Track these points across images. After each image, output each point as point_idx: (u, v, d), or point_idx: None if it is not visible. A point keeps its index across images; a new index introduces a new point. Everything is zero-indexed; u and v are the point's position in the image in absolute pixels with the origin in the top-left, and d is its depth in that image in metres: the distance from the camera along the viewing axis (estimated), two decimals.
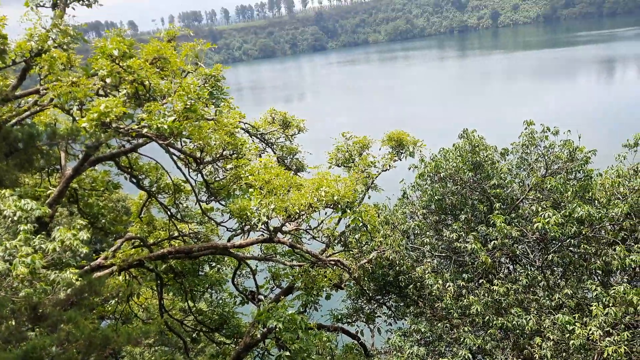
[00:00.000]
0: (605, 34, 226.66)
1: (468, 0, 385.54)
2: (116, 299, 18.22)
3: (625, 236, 13.52)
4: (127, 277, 18.31)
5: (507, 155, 16.55)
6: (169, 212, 18.20)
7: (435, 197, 15.81)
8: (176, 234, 18.65)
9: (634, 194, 13.55)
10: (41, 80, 13.61)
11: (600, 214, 13.07)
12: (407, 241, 15.81)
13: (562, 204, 14.31)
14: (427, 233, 15.64)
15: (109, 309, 19.30)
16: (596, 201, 14.23)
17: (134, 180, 17.33)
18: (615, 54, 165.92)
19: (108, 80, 12.17)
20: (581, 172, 14.86)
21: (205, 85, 15.10)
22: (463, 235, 14.30)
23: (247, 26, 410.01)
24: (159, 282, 17.73)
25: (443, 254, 15.36)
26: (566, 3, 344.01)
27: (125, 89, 12.28)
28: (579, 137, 15.23)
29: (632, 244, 13.08)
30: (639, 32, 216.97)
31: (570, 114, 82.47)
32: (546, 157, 15.44)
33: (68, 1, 13.99)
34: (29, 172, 14.90)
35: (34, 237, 9.33)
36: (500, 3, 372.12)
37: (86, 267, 13.66)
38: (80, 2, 14.50)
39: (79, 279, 9.29)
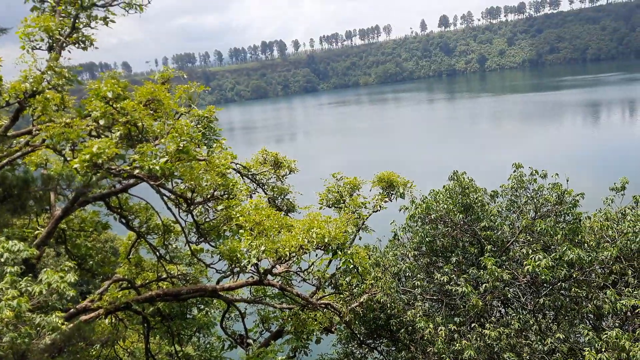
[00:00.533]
0: (590, 79, 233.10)
1: (456, 45, 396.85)
2: (101, 343, 17.77)
3: (615, 280, 13.56)
4: (113, 320, 17.93)
5: (497, 197, 16.69)
6: (157, 253, 18.00)
7: (426, 239, 15.82)
8: (165, 275, 18.39)
9: (622, 238, 13.66)
10: (34, 121, 13.67)
11: (590, 257, 13.14)
12: (398, 284, 15.71)
13: (552, 246, 14.37)
14: (418, 275, 15.57)
15: (94, 352, 18.79)
16: (586, 244, 14.31)
17: (124, 221, 17.20)
18: (600, 98, 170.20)
19: (101, 122, 12.25)
20: (570, 215, 15.00)
21: (198, 126, 15.26)
22: (454, 277, 14.26)
23: (239, 68, 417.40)
24: (145, 325, 17.36)
25: (434, 297, 15.26)
26: (551, 49, 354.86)
27: (118, 130, 12.36)
28: (567, 180, 15.45)
29: (623, 287, 13.10)
30: (622, 77, 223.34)
31: (558, 157, 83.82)
32: (535, 200, 15.59)
33: (64, 44, 14.23)
34: (22, 216, 14.79)
35: (20, 279, 9.17)
36: (487, 48, 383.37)
37: (72, 310, 13.38)
38: (76, 45, 14.73)
39: (65, 323, 9.10)
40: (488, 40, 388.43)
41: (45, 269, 9.67)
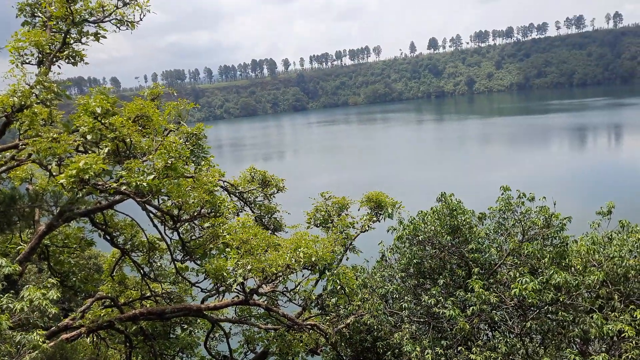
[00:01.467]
0: (576, 103, 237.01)
1: (444, 67, 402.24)
2: None
3: (602, 304, 13.65)
4: (95, 339, 17.63)
5: (485, 219, 16.80)
6: (142, 271, 17.83)
7: (414, 261, 15.85)
8: (148, 294, 18.19)
9: (609, 262, 13.80)
10: (20, 135, 13.60)
11: (576, 281, 13.24)
12: (385, 305, 15.68)
13: (539, 270, 14.47)
14: (406, 297, 15.56)
15: None
16: (572, 268, 14.43)
17: (108, 238, 17.05)
18: (586, 122, 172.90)
19: (89, 137, 12.22)
20: (557, 238, 15.14)
21: (187, 143, 15.27)
22: (442, 300, 14.27)
23: (229, 85, 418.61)
24: (128, 344, 17.10)
25: (422, 320, 15.23)
26: (538, 73, 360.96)
27: (106, 146, 12.32)
28: (554, 204, 15.63)
29: (609, 312, 13.19)
30: (608, 102, 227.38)
31: (545, 180, 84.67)
32: (523, 223, 15.72)
33: (54, 59, 14.24)
34: (6, 233, 14.61)
35: (1, 295, 9.03)
36: (475, 71, 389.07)
37: (53, 329, 13.16)
38: (67, 60, 14.75)
39: (46, 341, 8.94)
40: (476, 63, 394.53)
41: (27, 286, 9.53)
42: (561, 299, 13.41)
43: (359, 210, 21.14)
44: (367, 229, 20.59)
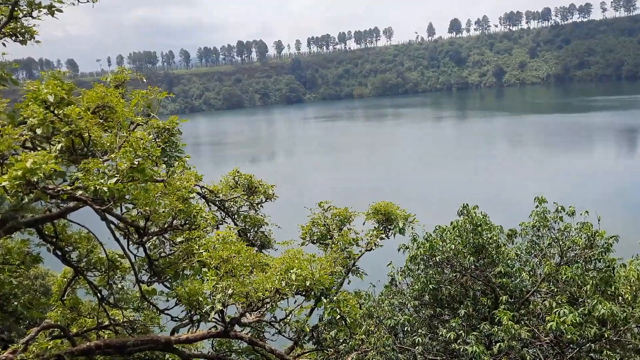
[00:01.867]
0: (625, 100, 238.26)
1: (468, 55, 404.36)
2: None
3: None
4: None
5: (515, 237, 16.82)
6: (99, 295, 17.71)
7: (430, 286, 15.83)
8: (107, 322, 18.07)
9: None
10: None
11: (625, 314, 13.22)
12: (394, 340, 15.62)
13: (580, 299, 14.44)
14: (420, 330, 15.53)
15: None
16: (620, 297, 14.41)
17: (59, 253, 16.94)
18: (637, 123, 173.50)
19: (39, 131, 12.15)
20: (602, 261, 15.12)
21: (157, 140, 15.23)
22: (462, 334, 14.23)
23: (210, 71, 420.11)
24: None
25: (438, 357, 15.19)
26: (580, 63, 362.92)
27: (59, 141, 12.26)
28: (599, 220, 15.61)
29: None
30: None
31: (587, 191, 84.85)
32: (561, 242, 15.73)
33: None
34: None
35: None
36: (505, 59, 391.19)
37: None
38: (14, 37, 14.70)
39: None
40: (506, 50, 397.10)
41: None
42: (606, 335, 13.37)
43: (364, 224, 21.12)
44: (373, 246, 20.54)
